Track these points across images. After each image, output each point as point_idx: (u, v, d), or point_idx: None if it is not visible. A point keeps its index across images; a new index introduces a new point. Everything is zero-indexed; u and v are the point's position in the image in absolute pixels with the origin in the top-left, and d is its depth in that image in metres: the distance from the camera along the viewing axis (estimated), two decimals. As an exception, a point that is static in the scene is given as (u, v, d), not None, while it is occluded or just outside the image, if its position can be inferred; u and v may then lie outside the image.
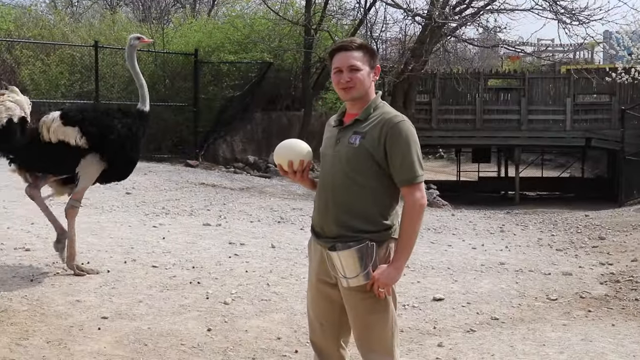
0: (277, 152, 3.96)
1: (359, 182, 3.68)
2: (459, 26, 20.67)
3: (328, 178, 3.78)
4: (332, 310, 3.89)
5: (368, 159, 3.67)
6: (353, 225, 3.68)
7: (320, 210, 3.80)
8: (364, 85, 3.75)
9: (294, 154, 3.92)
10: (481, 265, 8.94)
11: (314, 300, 3.96)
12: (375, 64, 3.82)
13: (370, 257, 3.61)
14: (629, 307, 7.33)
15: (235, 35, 21.32)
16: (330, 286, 3.82)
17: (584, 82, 25.36)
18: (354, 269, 3.60)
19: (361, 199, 3.68)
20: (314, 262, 3.92)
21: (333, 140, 3.82)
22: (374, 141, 3.66)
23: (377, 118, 3.72)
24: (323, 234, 3.79)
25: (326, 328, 3.93)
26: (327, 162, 3.82)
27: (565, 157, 38.44)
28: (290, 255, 8.72)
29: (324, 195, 3.79)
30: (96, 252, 7.99)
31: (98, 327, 5.82)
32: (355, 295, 3.71)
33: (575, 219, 14.46)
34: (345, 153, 3.71)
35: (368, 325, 3.76)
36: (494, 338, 6.19)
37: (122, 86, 19.48)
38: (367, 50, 3.79)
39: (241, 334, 5.92)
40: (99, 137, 7.35)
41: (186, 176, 15.44)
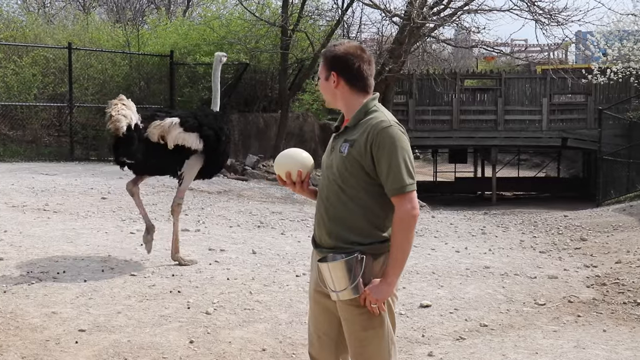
0: (277, 161, 3.80)
1: (350, 193, 3.51)
2: (437, 27, 20.57)
3: (323, 188, 3.63)
4: (331, 323, 3.71)
5: (357, 169, 3.49)
6: (346, 237, 3.51)
7: (318, 222, 3.65)
8: (327, 93, 3.66)
9: (293, 164, 3.75)
10: (466, 270, 8.80)
11: (312, 311, 3.80)
12: (330, 70, 3.61)
13: (360, 270, 3.43)
14: (618, 312, 7.22)
15: (211, 36, 21.10)
16: (328, 297, 3.63)
17: (559, 82, 25.42)
18: (343, 281, 3.42)
19: (352, 210, 3.51)
20: (313, 272, 3.76)
21: (329, 149, 3.67)
22: (361, 149, 3.47)
23: (365, 124, 3.53)
24: (321, 244, 3.64)
25: (324, 341, 3.75)
26: (323, 172, 3.67)
27: (541, 157, 38.64)
28: (272, 261, 8.53)
29: (320, 206, 3.64)
30: (72, 260, 7.75)
31: (75, 340, 5.60)
32: (350, 309, 3.53)
33: (555, 220, 14.37)
34: (336, 162, 3.55)
35: (363, 342, 3.58)
36: (484, 346, 6.04)
37: (97, 88, 19.21)
38: (323, 57, 3.67)
39: (225, 346, 5.73)
40: (214, 140, 8.11)
41: (163, 180, 15.12)
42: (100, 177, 14.21)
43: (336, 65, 3.60)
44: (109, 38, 22.10)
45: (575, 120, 26.36)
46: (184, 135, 7.92)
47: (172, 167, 8.15)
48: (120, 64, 20.07)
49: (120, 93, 18.99)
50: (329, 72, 3.61)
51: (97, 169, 15.79)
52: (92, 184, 13.15)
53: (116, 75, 19.90)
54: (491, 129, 26.31)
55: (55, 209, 10.68)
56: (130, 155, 7.77)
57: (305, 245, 9.67)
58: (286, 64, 20.62)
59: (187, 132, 7.94)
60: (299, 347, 5.84)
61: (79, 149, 18.20)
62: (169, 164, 8.09)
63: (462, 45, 25.03)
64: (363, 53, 3.62)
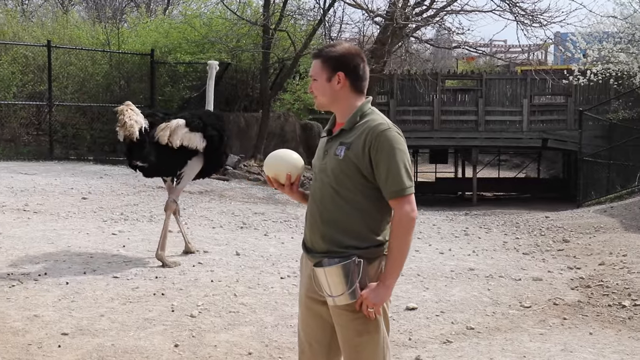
0: (266, 162, 3.72)
1: (346, 196, 3.45)
2: (419, 27, 20.56)
3: (317, 192, 3.55)
4: (323, 330, 3.62)
5: (354, 172, 3.43)
6: (341, 241, 3.44)
7: (311, 225, 3.57)
8: (325, 95, 3.55)
9: (283, 165, 3.68)
10: (451, 272, 8.77)
11: (303, 318, 3.69)
12: (336, 70, 3.53)
13: (357, 274, 3.36)
14: (604, 314, 7.21)
15: (192, 35, 20.96)
16: (321, 303, 3.56)
17: (540, 83, 25.52)
18: (340, 286, 3.35)
19: (349, 214, 3.44)
20: (304, 278, 3.67)
21: (322, 151, 3.59)
22: (359, 152, 3.41)
23: (362, 127, 3.47)
24: (313, 249, 3.55)
25: (316, 349, 3.65)
26: (316, 175, 3.59)
27: (521, 158, 38.81)
28: (256, 263, 8.45)
29: (313, 209, 3.55)
30: (54, 262, 7.64)
31: (58, 344, 5.51)
32: (345, 315, 3.46)
33: (537, 221, 14.38)
34: (332, 165, 3.48)
35: (357, 348, 3.50)
36: (472, 349, 6.00)
37: (76, 87, 19.03)
38: (323, 58, 3.56)
39: (210, 350, 5.65)
40: (218, 140, 8.40)
41: (143, 179, 14.99)
42: (80, 177, 14.07)
43: (342, 65, 3.52)
44: (88, 36, 21.91)
45: (555, 121, 26.47)
46: (190, 135, 8.15)
47: (176, 167, 8.36)
48: (100, 62, 19.90)
49: (100, 92, 19.03)
50: (332, 72, 3.52)
51: (77, 168, 15.63)
52: (72, 184, 13.01)
53: (96, 74, 19.72)
54: (472, 130, 26.37)
55: (35, 209, 10.55)
56: (143, 159, 8.00)
57: (288, 246, 9.61)
58: (267, 64, 20.52)
59: (192, 132, 8.17)
60: (285, 350, 5.78)
61: (58, 148, 18.01)
62: (174, 165, 8.30)
63: (444, 45, 25.05)
64: (362, 54, 3.59)
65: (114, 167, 16.65)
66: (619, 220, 13.21)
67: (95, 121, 18.71)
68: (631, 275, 8.73)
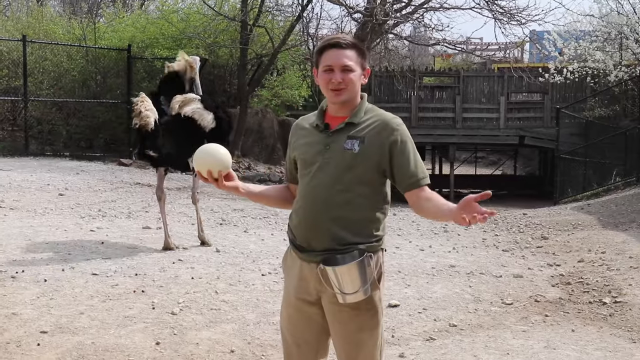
0: (195, 157, 3.48)
1: (358, 191, 3.36)
2: (398, 23, 20.56)
3: (318, 189, 3.39)
4: (311, 331, 3.54)
5: (370, 166, 3.35)
6: (344, 238, 3.34)
7: (308, 224, 3.41)
8: (355, 88, 3.43)
9: (211, 161, 3.44)
10: (432, 269, 8.75)
11: (291, 319, 3.58)
12: (366, 65, 3.51)
13: (371, 271, 3.31)
14: (585, 311, 7.22)
15: (169, 30, 20.83)
16: (310, 305, 3.48)
17: (517, 80, 25.63)
18: (354, 284, 3.27)
19: (356, 209, 3.36)
20: (293, 279, 3.53)
21: (320, 146, 3.43)
22: (378, 146, 3.35)
23: (373, 121, 3.40)
24: (309, 247, 3.42)
25: (304, 350, 3.56)
26: (314, 171, 3.42)
27: (498, 155, 38.95)
28: (237, 260, 8.38)
29: (313, 206, 3.39)
30: (31, 259, 7.53)
31: (37, 342, 5.42)
32: (347, 312, 3.39)
33: (515, 218, 14.43)
34: (341, 160, 3.36)
35: (358, 344, 3.44)
36: (455, 347, 5.98)
37: (52, 82, 18.84)
38: (359, 50, 3.47)
39: (192, 348, 5.59)
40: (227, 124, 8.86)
41: (120, 176, 14.95)
42: (56, 173, 13.92)
43: (367, 62, 3.52)
44: (64, 31, 21.71)
45: (532, 118, 26.60)
46: (202, 111, 8.54)
47: (186, 156, 8.52)
48: (76, 58, 19.71)
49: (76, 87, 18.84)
50: (364, 67, 3.49)
51: (53, 164, 15.48)
52: (49, 180, 12.87)
53: (72, 69, 19.54)
54: (449, 127, 26.43)
55: (11, 205, 10.42)
56: (155, 149, 8.38)
57: (269, 243, 9.55)
58: (245, 60, 20.46)
59: (205, 109, 8.58)
60: (268, 348, 5.73)
61: (34, 144, 17.83)
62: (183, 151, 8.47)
63: (422, 42, 25.07)
64: None
65: (90, 163, 16.51)
66: (596, 218, 13.27)
67: (72, 117, 18.55)
68: (610, 272, 8.77)
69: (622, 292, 7.80)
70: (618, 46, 23.71)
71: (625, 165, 19.09)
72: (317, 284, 3.42)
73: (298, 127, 3.63)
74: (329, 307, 3.44)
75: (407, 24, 23.35)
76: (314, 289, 3.45)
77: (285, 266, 3.64)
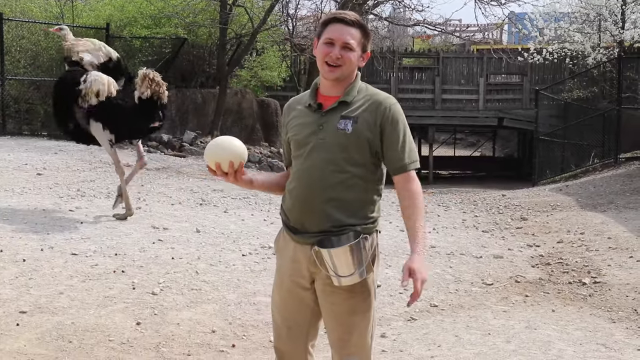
0: (206, 152, 3.41)
1: (353, 172, 3.31)
2: (378, 4, 20.50)
3: (313, 170, 3.34)
4: (303, 313, 3.51)
5: (363, 146, 3.31)
6: (340, 219, 3.31)
7: (302, 206, 3.37)
8: (351, 67, 3.38)
9: (224, 154, 3.37)
10: (412, 249, 8.75)
11: (283, 301, 3.54)
12: (368, 48, 3.45)
13: (366, 253, 3.28)
14: (565, 291, 7.26)
15: (148, 9, 20.60)
16: (304, 288, 3.46)
17: (496, 62, 25.67)
18: (349, 267, 3.23)
19: (352, 191, 3.32)
20: (286, 261, 3.50)
21: (314, 126, 3.38)
22: (370, 126, 3.30)
23: (366, 100, 3.36)
24: (303, 229, 3.38)
25: (295, 332, 3.54)
26: (308, 152, 3.37)
27: (476, 137, 39.08)
28: (217, 240, 8.34)
29: (308, 187, 3.35)
30: (9, 239, 7.44)
31: (17, 322, 5.38)
32: (339, 294, 3.36)
33: (494, 199, 14.48)
34: (334, 140, 3.31)
35: (350, 326, 3.43)
36: (436, 327, 5.99)
37: (29, 60, 18.61)
38: (364, 31, 3.42)
39: (173, 328, 5.57)
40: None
41: (99, 155, 14.78)
42: (34, 153, 13.78)
43: (370, 45, 3.47)
44: (41, 9, 21.43)
45: (511, 100, 26.70)
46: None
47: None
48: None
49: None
50: (365, 49, 3.44)
51: (31, 143, 15.31)
52: (26, 160, 12.73)
53: (49, 48, 19.29)
54: (429, 108, 26.48)
55: (-12, 185, 10.31)
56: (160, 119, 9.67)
57: (249, 223, 9.51)
58: (225, 40, 20.29)
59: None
60: (249, 328, 5.72)
61: (11, 123, 17.61)
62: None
63: (402, 23, 25.04)
64: None
65: (68, 143, 16.30)
66: (574, 199, 13.35)
67: (49, 96, 18.28)
68: (589, 253, 8.83)
69: (601, 273, 7.86)
70: (597, 28, 23.78)
71: (603, 147, 19.22)
72: (310, 266, 3.39)
73: (290, 107, 3.58)
74: (322, 289, 3.41)
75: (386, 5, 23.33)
76: (307, 271, 3.42)
77: (278, 248, 3.60)
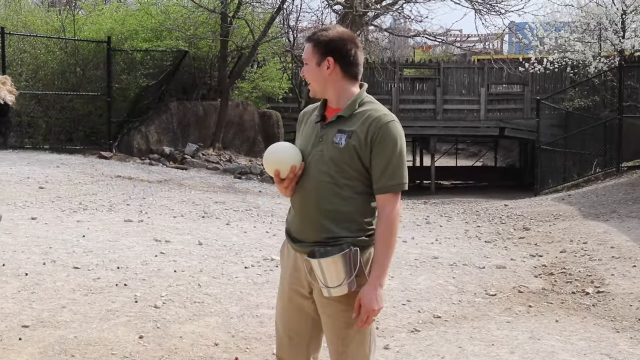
0: (266, 158, 3.44)
1: (344, 185, 3.33)
2: (378, 15, 20.55)
3: (311, 181, 3.38)
4: (305, 323, 3.52)
5: (355, 161, 3.32)
6: (335, 231, 3.33)
7: (301, 216, 3.42)
8: (316, 80, 3.41)
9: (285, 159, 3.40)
10: (415, 260, 8.75)
11: (284, 310, 3.56)
12: (325, 55, 3.39)
13: (355, 264, 3.28)
14: (568, 301, 7.24)
15: (149, 22, 20.66)
16: (303, 297, 3.47)
17: (496, 72, 25.68)
18: (337, 277, 3.25)
19: (346, 203, 3.33)
20: (287, 269, 3.54)
21: (315, 138, 3.42)
22: (361, 141, 3.30)
23: (364, 115, 3.35)
24: (302, 239, 3.42)
25: (296, 342, 3.55)
26: (307, 163, 3.41)
27: (478, 147, 39.10)
28: (219, 252, 8.34)
29: (305, 198, 3.39)
30: (12, 253, 7.44)
31: (19, 337, 5.36)
32: (334, 305, 3.37)
33: (496, 209, 14.48)
34: (330, 153, 3.34)
35: (345, 340, 3.42)
36: (440, 338, 5.97)
37: (30, 74, 18.65)
38: (314, 42, 3.42)
39: (176, 341, 5.55)
40: None
41: (101, 168, 14.84)
42: (36, 166, 13.81)
43: (333, 50, 3.39)
44: (43, 23, 21.49)
45: (512, 110, 26.70)
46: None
47: None
48: (54, 50, 19.51)
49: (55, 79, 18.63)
50: (322, 57, 3.39)
51: (33, 157, 15.34)
52: (28, 173, 12.75)
53: (50, 61, 19.35)
54: (430, 119, 26.47)
55: (-10, 199, 10.32)
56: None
57: (251, 236, 9.51)
58: (226, 52, 20.33)
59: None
60: (252, 341, 5.70)
61: (12, 136, 17.62)
62: None
63: (403, 34, 25.07)
64: (356, 39, 3.48)
65: (70, 156, 16.38)
66: (577, 208, 13.33)
67: (51, 109, 18.35)
68: (593, 263, 8.81)
69: (604, 282, 7.84)
70: (597, 37, 23.80)
71: (605, 156, 19.21)
72: (308, 276, 3.41)
73: (305, 116, 3.62)
74: (319, 300, 3.42)
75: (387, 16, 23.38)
76: (305, 280, 3.45)
77: (282, 256, 3.64)
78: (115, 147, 18.29)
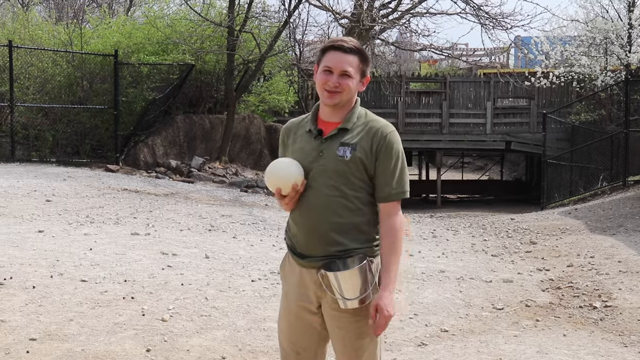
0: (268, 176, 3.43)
1: (355, 196, 3.35)
2: (385, 29, 20.59)
3: (317, 196, 3.38)
4: (312, 338, 3.52)
5: (362, 172, 3.35)
6: (346, 243, 3.34)
7: (307, 231, 3.40)
8: (351, 93, 3.40)
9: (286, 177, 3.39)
10: (422, 274, 8.74)
11: (291, 327, 3.55)
12: (367, 72, 3.46)
13: (372, 275, 3.30)
14: (576, 316, 7.22)
15: (155, 35, 20.74)
16: (311, 313, 3.47)
17: (503, 86, 25.68)
18: (355, 289, 3.26)
19: (355, 215, 3.35)
20: (293, 286, 3.51)
21: (315, 153, 3.41)
22: (367, 153, 3.33)
23: (365, 127, 3.38)
24: (308, 254, 3.41)
25: (303, 357, 3.55)
26: (310, 179, 3.40)
27: (484, 160, 39.05)
28: (226, 266, 8.34)
29: (312, 213, 3.38)
30: (19, 266, 7.45)
31: (27, 350, 5.36)
32: (346, 317, 3.37)
33: (503, 223, 14.46)
34: (334, 167, 3.34)
35: (358, 351, 3.42)
36: (447, 352, 5.96)
37: (38, 87, 18.72)
38: (362, 56, 3.42)
39: (183, 354, 5.54)
40: None
41: (107, 182, 14.87)
42: (43, 179, 13.84)
43: (369, 69, 3.47)
44: (50, 36, 21.59)
45: (518, 124, 26.65)
46: None
47: None
48: (61, 63, 19.59)
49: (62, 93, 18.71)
50: (365, 73, 3.45)
51: (40, 170, 15.38)
52: (35, 186, 12.78)
53: (58, 75, 19.43)
54: (436, 132, 26.44)
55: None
56: None
57: (258, 249, 9.51)
58: (232, 65, 20.39)
59: None
60: (259, 354, 5.69)
61: (20, 149, 17.71)
62: None
63: (409, 48, 25.11)
64: None
65: (77, 169, 16.42)
66: (584, 222, 13.31)
67: (58, 122, 18.43)
68: (600, 277, 8.79)
69: (612, 297, 7.81)
70: (603, 51, 23.79)
71: (611, 170, 19.18)
72: (317, 290, 3.41)
73: (289, 130, 3.60)
74: (329, 313, 3.42)
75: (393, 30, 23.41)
76: (314, 295, 3.44)
77: (284, 273, 3.61)
78: (122, 160, 18.34)
